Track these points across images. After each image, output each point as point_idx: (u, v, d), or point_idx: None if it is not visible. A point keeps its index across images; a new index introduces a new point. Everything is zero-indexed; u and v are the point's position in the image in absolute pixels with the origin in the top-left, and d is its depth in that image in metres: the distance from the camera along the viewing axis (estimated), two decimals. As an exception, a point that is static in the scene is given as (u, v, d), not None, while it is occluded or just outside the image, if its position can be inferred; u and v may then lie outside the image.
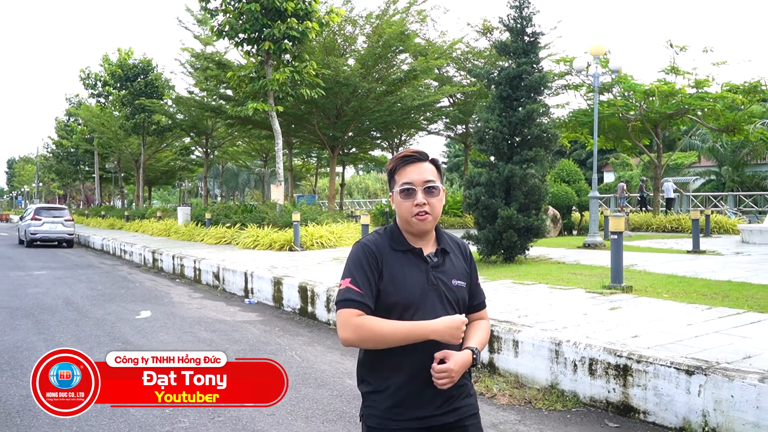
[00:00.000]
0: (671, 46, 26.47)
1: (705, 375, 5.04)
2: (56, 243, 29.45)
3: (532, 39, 14.33)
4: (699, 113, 27.17)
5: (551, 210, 22.04)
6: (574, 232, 25.57)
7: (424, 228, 2.54)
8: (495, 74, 14.30)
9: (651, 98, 26.39)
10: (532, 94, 13.88)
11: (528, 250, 13.70)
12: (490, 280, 10.72)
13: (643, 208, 31.80)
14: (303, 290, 10.85)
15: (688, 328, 6.62)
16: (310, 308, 10.62)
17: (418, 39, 29.13)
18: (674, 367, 5.25)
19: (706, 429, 5.01)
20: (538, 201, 13.48)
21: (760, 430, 4.66)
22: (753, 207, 35.67)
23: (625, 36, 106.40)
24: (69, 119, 60.93)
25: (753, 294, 8.72)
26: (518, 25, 14.31)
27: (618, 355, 5.71)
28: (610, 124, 28.20)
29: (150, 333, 9.19)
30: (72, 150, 59.30)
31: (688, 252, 15.63)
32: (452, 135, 38.60)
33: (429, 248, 2.59)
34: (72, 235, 29.92)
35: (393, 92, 26.65)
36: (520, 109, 13.56)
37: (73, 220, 30.98)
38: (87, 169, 62.92)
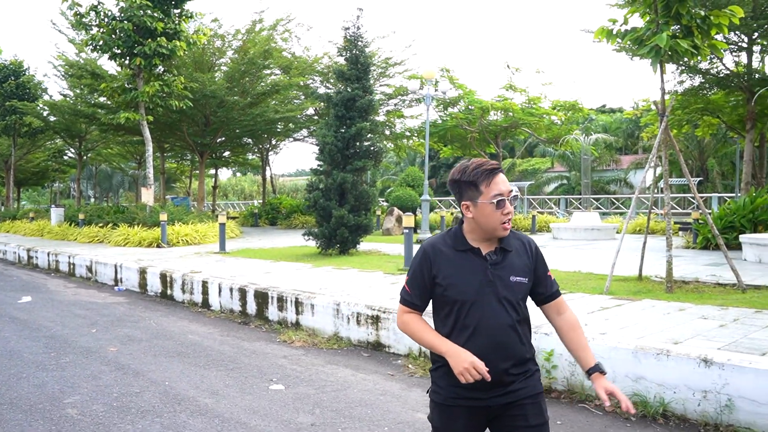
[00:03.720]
0: (508, 67, 30.27)
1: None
2: None
3: (363, 68, 17.10)
4: (531, 126, 30.97)
5: (396, 211, 24.94)
6: (418, 231, 28.63)
7: (506, 234, 2.77)
8: (333, 97, 16.97)
9: (492, 112, 30.08)
10: (363, 114, 16.63)
11: (359, 244, 16.42)
12: (315, 266, 13.37)
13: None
14: (163, 277, 13.10)
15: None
16: (168, 291, 12.91)
17: (285, 53, 31.46)
18: (403, 314, 8.00)
19: (421, 352, 7.78)
20: (367, 203, 16.27)
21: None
22: (601, 208, 39.92)
23: (474, 56, 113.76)
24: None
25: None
26: (352, 56, 17.05)
27: (373, 309, 8.43)
28: (455, 135, 31.60)
29: (33, 311, 11.28)
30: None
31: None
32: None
33: (489, 248, 2.78)
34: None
35: (258, 104, 28.90)
36: (353, 127, 16.27)
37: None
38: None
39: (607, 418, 5.62)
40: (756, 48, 21.67)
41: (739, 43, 21.15)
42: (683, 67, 21.16)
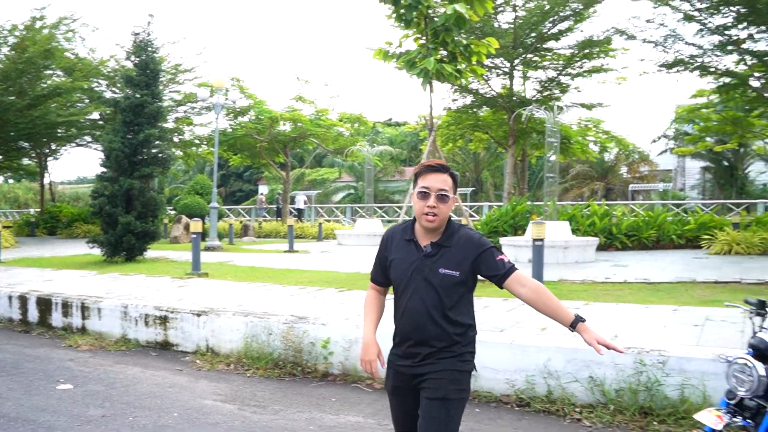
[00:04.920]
0: (298, 79, 31.14)
1: (207, 315, 8.23)
2: None
3: (153, 74, 17.05)
4: (320, 137, 31.99)
5: (184, 219, 24.73)
6: (206, 239, 28.62)
7: (430, 227, 3.12)
8: (121, 102, 16.75)
9: (281, 122, 30.75)
10: (152, 121, 16.56)
11: (146, 251, 16.32)
12: (101, 273, 13.24)
13: (279, 218, 36.04)
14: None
15: (232, 292, 9.88)
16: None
17: (68, 54, 29.97)
18: (192, 313, 8.39)
19: (208, 348, 8.19)
20: (155, 210, 16.23)
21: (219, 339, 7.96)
22: (385, 216, 41.56)
23: (265, 66, 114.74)
24: None
25: (298, 275, 12.41)
26: (142, 61, 16.95)
27: (162, 310, 8.71)
28: (244, 144, 31.88)
29: None
30: None
31: (285, 252, 19.48)
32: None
33: (426, 241, 3.18)
34: None
35: (37, 106, 27.37)
36: (141, 133, 16.15)
37: None
38: None
39: (376, 394, 6.43)
40: (517, 73, 24.22)
41: (503, 68, 23.51)
42: (456, 87, 23.08)
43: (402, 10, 10.54)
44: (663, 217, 19.04)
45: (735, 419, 3.43)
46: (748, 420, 3.41)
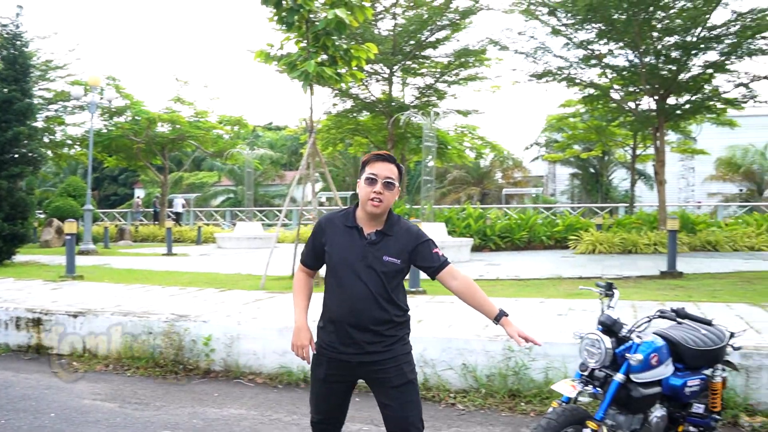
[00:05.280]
0: (177, 79, 30.57)
1: (84, 316, 8.07)
2: None
3: (23, 69, 16.37)
4: (199, 139, 31.51)
5: (56, 222, 23.84)
6: (81, 243, 27.65)
7: (375, 212, 3.25)
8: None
9: (159, 124, 30.06)
10: (21, 118, 15.90)
11: (15, 255, 15.65)
12: (-33, 277, 12.64)
13: (156, 222, 35.17)
14: None
15: (110, 294, 9.69)
16: None
17: None
18: (68, 314, 8.20)
19: (85, 349, 8.02)
20: (25, 212, 15.59)
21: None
22: (265, 219, 41.22)
23: (142, 66, 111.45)
24: None
25: (178, 277, 12.27)
26: (10, 55, 16.24)
27: (35, 312, 8.46)
28: (120, 145, 30.95)
29: None
30: None
31: (164, 255, 19.13)
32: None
33: (370, 229, 3.31)
34: None
35: None
36: (9, 131, 15.48)
37: None
38: None
39: (258, 388, 6.55)
40: (396, 79, 24.79)
41: (383, 74, 24.01)
42: (337, 91, 23.36)
43: (284, 13, 10.67)
44: (534, 219, 20.08)
45: (587, 388, 3.82)
46: (597, 388, 3.81)
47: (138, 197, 40.43)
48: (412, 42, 22.90)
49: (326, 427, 3.59)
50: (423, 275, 10.71)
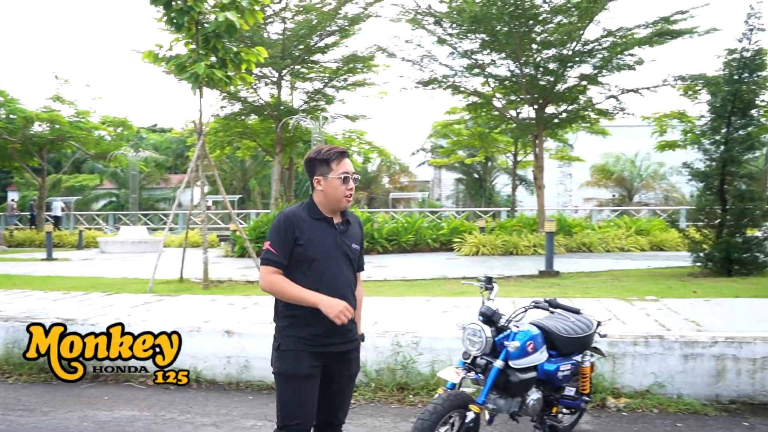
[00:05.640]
0: (57, 77, 29.38)
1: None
2: None
3: None
4: (80, 140, 30.34)
5: None
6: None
7: (347, 207, 3.45)
8: None
9: (37, 123, 28.77)
10: None
11: None
12: None
13: (33, 226, 33.61)
14: None
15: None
16: None
17: None
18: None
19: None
20: None
21: None
22: (149, 224, 39.99)
23: (18, 63, 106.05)
24: None
25: (60, 281, 11.91)
26: None
27: None
28: (-8, 145, 29.43)
29: None
30: None
31: (44, 260, 18.42)
32: None
33: (337, 219, 3.44)
34: None
35: None
36: None
37: None
38: None
39: (150, 390, 6.55)
40: (285, 83, 24.79)
41: (272, 78, 23.97)
42: (225, 94, 23.13)
43: (173, 14, 10.58)
44: (420, 223, 20.60)
45: (469, 374, 4.14)
46: (479, 374, 4.13)
47: (12, 200, 38.49)
48: (301, 46, 22.97)
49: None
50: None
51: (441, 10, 18.89)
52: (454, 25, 19.11)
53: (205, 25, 10.84)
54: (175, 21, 10.65)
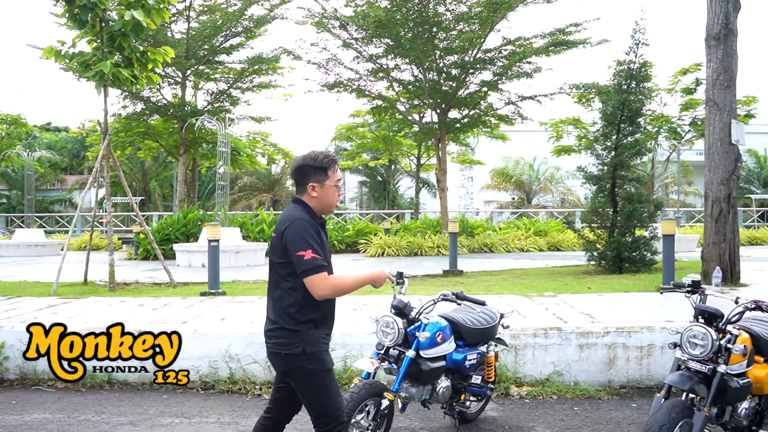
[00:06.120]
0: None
1: None
2: None
3: None
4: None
5: None
6: None
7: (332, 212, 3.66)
8: None
9: None
10: None
11: None
12: None
13: None
14: None
15: None
16: None
17: None
18: None
19: None
20: None
21: None
22: (45, 226, 38.41)
23: None
24: None
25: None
26: None
27: None
28: None
29: None
30: None
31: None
32: None
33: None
34: None
35: None
36: None
37: None
38: None
39: (61, 393, 6.47)
40: (189, 83, 24.49)
41: (176, 78, 23.62)
42: (127, 93, 22.64)
43: (76, 10, 10.35)
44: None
45: (383, 364, 4.39)
46: (393, 364, 4.39)
47: None
48: (206, 47, 22.76)
49: None
50: (222, 276, 10.94)
51: (346, 14, 19.17)
52: (360, 30, 19.43)
53: (111, 22, 10.69)
54: (78, 17, 10.43)
